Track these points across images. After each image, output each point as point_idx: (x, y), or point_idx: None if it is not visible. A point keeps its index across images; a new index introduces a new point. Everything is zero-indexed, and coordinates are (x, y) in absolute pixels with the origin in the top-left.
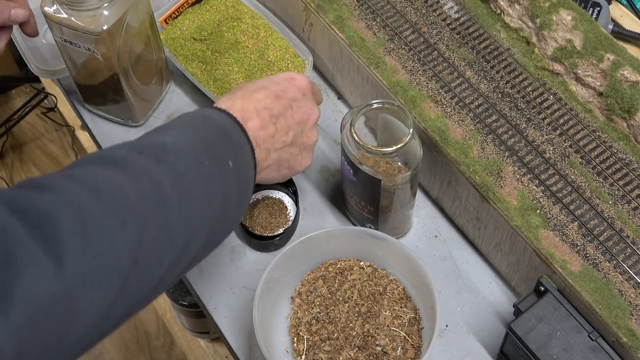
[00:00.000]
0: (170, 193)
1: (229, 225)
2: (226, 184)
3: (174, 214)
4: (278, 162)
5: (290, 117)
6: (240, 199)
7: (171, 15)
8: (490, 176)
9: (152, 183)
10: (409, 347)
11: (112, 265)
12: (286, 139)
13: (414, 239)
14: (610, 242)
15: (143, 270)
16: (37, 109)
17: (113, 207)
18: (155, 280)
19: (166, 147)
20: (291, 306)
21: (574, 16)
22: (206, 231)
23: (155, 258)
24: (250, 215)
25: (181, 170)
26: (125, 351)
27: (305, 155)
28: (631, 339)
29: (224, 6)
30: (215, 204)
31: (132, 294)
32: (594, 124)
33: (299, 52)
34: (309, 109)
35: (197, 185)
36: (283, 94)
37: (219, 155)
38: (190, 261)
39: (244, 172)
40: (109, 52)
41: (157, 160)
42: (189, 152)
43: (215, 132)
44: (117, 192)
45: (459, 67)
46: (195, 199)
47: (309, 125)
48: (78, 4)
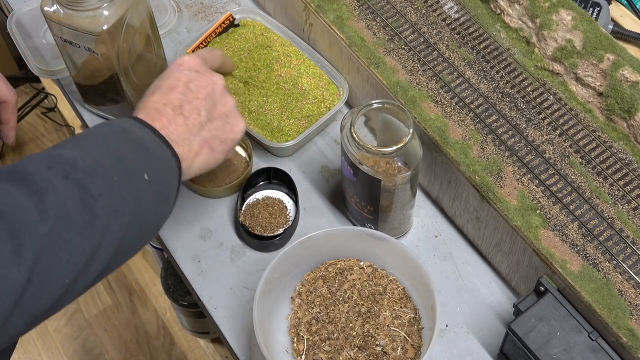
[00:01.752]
0: (73, 213)
1: (145, 233)
2: (139, 196)
3: (76, 232)
4: (207, 142)
5: (194, 98)
6: (158, 208)
7: (199, 46)
8: (490, 176)
9: (56, 202)
10: (409, 347)
11: (3, 287)
12: (201, 119)
13: (414, 239)
14: (610, 242)
15: (39, 288)
16: (37, 109)
17: (10, 227)
18: (56, 295)
19: (75, 163)
20: (291, 306)
21: (574, 16)
22: (114, 244)
23: (53, 276)
24: (250, 215)
25: (87, 186)
26: (125, 351)
27: (232, 121)
28: (631, 339)
29: (252, 34)
30: (124, 216)
31: (29, 310)
32: (594, 124)
33: (333, 79)
34: (209, 80)
35: (104, 201)
36: (176, 82)
37: (131, 169)
38: (99, 273)
39: (163, 181)
40: (109, 52)
41: (64, 177)
42: (98, 168)
43: (130, 146)
44: (17, 212)
45: (459, 67)
46: (101, 215)
47: (217, 94)
48: (78, 4)
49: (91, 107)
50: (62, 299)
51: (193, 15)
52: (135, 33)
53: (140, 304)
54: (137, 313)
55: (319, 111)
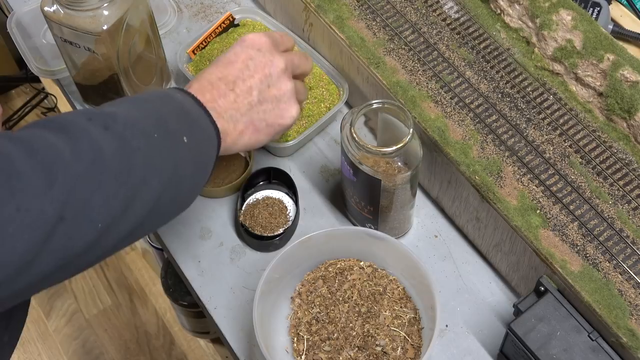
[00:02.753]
0: (110, 158)
1: (182, 197)
2: (177, 158)
3: (111, 178)
4: (252, 124)
5: (249, 77)
6: (196, 172)
7: (199, 46)
8: (490, 176)
9: (92, 146)
10: (409, 347)
11: (35, 218)
12: (251, 99)
13: (414, 239)
14: (610, 242)
15: (71, 227)
16: (37, 109)
17: (42, 164)
18: (88, 240)
19: (116, 117)
20: (291, 306)
21: (573, 16)
22: (150, 201)
23: (86, 217)
24: (250, 215)
25: (127, 138)
26: (125, 351)
27: (283, 106)
28: (631, 339)
29: None
30: (162, 175)
31: (59, 250)
32: (594, 124)
33: (333, 79)
34: (268, 62)
35: (142, 154)
36: (235, 57)
37: (172, 131)
38: (133, 229)
39: (202, 147)
40: (109, 52)
41: (104, 127)
42: (138, 124)
43: (171, 109)
44: (50, 151)
45: (459, 67)
46: (138, 168)
47: (274, 77)
48: (78, 4)
49: (91, 107)
50: (94, 247)
51: (193, 15)
52: (135, 33)
53: (140, 304)
54: (137, 313)
55: (319, 111)
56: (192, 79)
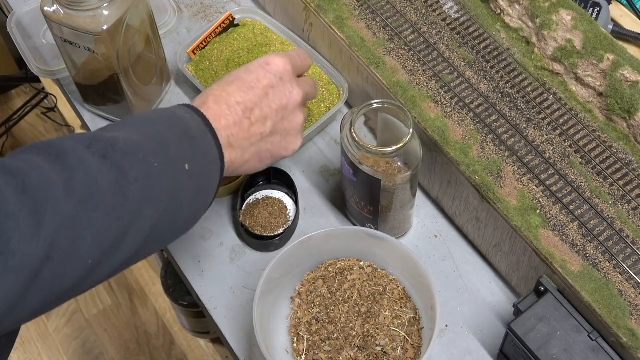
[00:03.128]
0: (104, 192)
1: (179, 226)
2: (177, 187)
3: (104, 213)
4: (258, 154)
5: (267, 107)
6: (195, 201)
7: (199, 46)
8: (490, 176)
9: (87, 180)
10: (409, 347)
11: (21, 260)
12: (264, 130)
13: (414, 239)
14: (610, 242)
15: (58, 266)
16: (37, 109)
17: (32, 202)
18: (78, 276)
19: (115, 144)
20: (291, 306)
21: (573, 16)
22: (145, 231)
23: (75, 255)
24: (250, 215)
25: (124, 169)
26: (125, 351)
27: (290, 140)
28: (631, 339)
29: (252, 34)
30: (158, 205)
31: (46, 289)
32: (594, 124)
33: (333, 79)
34: (288, 93)
35: (139, 186)
36: (257, 83)
37: (173, 157)
38: (127, 259)
39: (204, 174)
40: (109, 52)
41: (102, 156)
42: (138, 151)
43: (176, 133)
44: (42, 186)
45: (459, 67)
46: (134, 199)
47: (289, 109)
48: (78, 4)
49: (91, 107)
50: (85, 281)
51: (193, 15)
52: (135, 33)
53: (140, 304)
54: (137, 313)
55: (319, 111)
56: (206, 91)
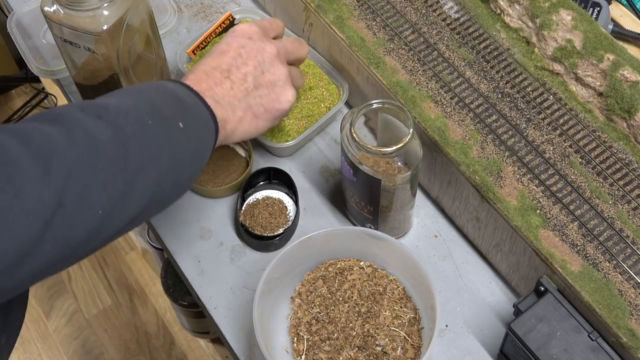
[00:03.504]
0: (105, 145)
1: (181, 182)
2: (174, 143)
3: (108, 164)
4: (250, 109)
5: (243, 65)
6: (194, 158)
7: (199, 46)
8: (490, 176)
9: (86, 134)
10: (409, 347)
11: (34, 204)
12: (247, 85)
13: (414, 239)
14: (610, 242)
15: (70, 213)
16: (37, 109)
17: (37, 152)
18: (89, 227)
19: (108, 107)
20: (291, 306)
21: (573, 16)
22: (150, 186)
23: (85, 203)
24: (250, 215)
25: (120, 125)
26: (125, 351)
27: (279, 90)
28: (631, 339)
29: None
30: (160, 161)
31: (60, 238)
32: (594, 124)
33: (333, 79)
34: (260, 48)
35: (138, 141)
36: (227, 47)
37: (166, 117)
38: (135, 215)
39: (199, 132)
40: (109, 52)
41: (97, 117)
42: (132, 112)
43: (165, 97)
44: (45, 140)
45: (459, 67)
46: (135, 154)
47: (267, 62)
48: (78, 4)
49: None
50: (97, 234)
51: (193, 15)
52: (135, 33)
53: (140, 304)
54: (137, 313)
55: (319, 111)
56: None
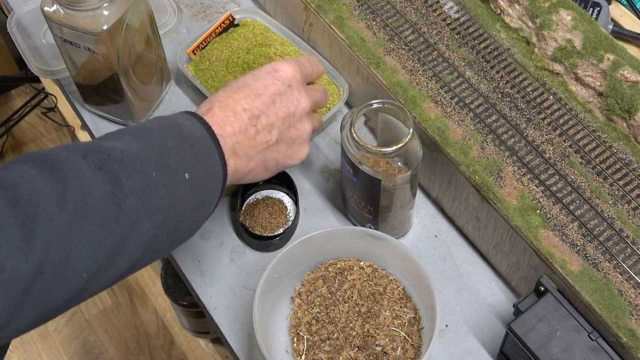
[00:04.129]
0: (99, 204)
1: (179, 236)
2: (177, 195)
3: (98, 226)
4: (264, 162)
5: (274, 114)
6: (197, 210)
7: (199, 46)
8: (490, 176)
9: (81, 191)
10: (409, 347)
11: (9, 276)
12: (269, 138)
13: (414, 239)
14: (610, 242)
15: (51, 281)
16: (37, 109)
17: (23, 216)
18: (72, 289)
19: (112, 154)
20: (291, 306)
21: (573, 16)
22: (143, 243)
23: (68, 269)
24: (250, 215)
25: (120, 179)
26: (125, 351)
27: (297, 148)
28: (631, 339)
29: (252, 34)
30: (157, 214)
31: (41, 302)
32: (594, 124)
33: (333, 79)
34: (296, 101)
35: (136, 196)
36: (265, 90)
37: (173, 167)
38: (124, 271)
39: (206, 183)
40: (109, 52)
41: (98, 167)
42: (136, 161)
43: (177, 142)
44: (34, 198)
45: (459, 67)
46: (131, 211)
47: (297, 117)
48: (78, 4)
49: (91, 107)
50: (80, 294)
51: (193, 15)
52: (135, 33)
53: (140, 304)
54: (137, 313)
55: (319, 111)
56: (212, 98)
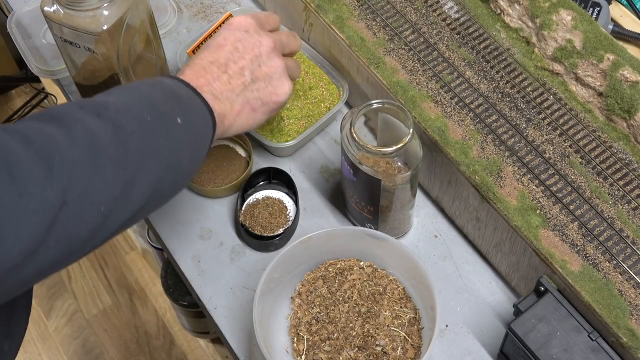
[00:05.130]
0: (105, 143)
1: (181, 177)
2: (173, 139)
3: (109, 162)
4: (248, 103)
5: (240, 58)
6: (193, 153)
7: (199, 46)
8: (490, 176)
9: (86, 133)
10: (408, 347)
11: (38, 204)
12: (244, 79)
13: (414, 239)
14: (610, 242)
15: (74, 211)
16: (37, 109)
17: (39, 152)
18: (93, 222)
19: (107, 104)
20: (291, 306)
21: (573, 16)
22: (150, 182)
23: (88, 201)
24: (250, 215)
25: (120, 123)
26: (125, 351)
27: (276, 83)
28: (631, 339)
29: None
30: (159, 156)
31: (64, 236)
32: (594, 124)
33: (333, 79)
34: (257, 42)
35: (137, 138)
36: (224, 41)
37: (164, 113)
38: (136, 211)
39: (197, 128)
40: (109, 52)
41: (97, 115)
42: (130, 109)
43: (162, 93)
44: (46, 139)
45: (459, 67)
46: (135, 151)
47: (264, 56)
48: (78, 4)
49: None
50: (99, 230)
51: (193, 15)
52: (135, 33)
53: (140, 304)
54: (137, 313)
55: (319, 111)
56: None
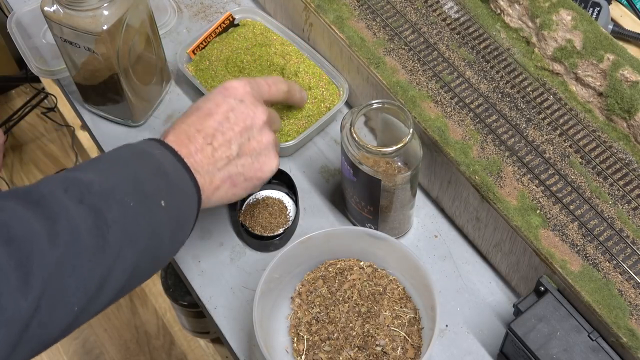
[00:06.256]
0: (85, 237)
1: (159, 260)
2: (155, 223)
3: (87, 259)
4: (230, 178)
5: (229, 130)
6: (175, 234)
7: (199, 46)
8: (490, 176)
9: (69, 225)
10: (409, 347)
11: (10, 315)
12: (230, 153)
13: (414, 239)
14: (610, 242)
15: (46, 316)
16: (37, 109)
17: (18, 254)
18: (65, 322)
19: (91, 187)
20: (291, 306)
21: (573, 16)
22: (126, 271)
23: (62, 303)
24: (250, 215)
25: (102, 211)
26: (125, 351)
27: (263, 160)
28: (631, 339)
29: (252, 34)
30: (139, 243)
31: (37, 337)
32: (594, 124)
33: (333, 79)
34: (251, 113)
35: (118, 227)
36: (216, 108)
37: (149, 195)
38: (110, 300)
39: (181, 208)
40: (109, 52)
41: (79, 201)
42: (114, 193)
43: (150, 170)
44: (27, 235)
45: (459, 67)
46: (114, 242)
47: (255, 129)
48: (78, 4)
49: (91, 107)
50: (72, 325)
51: (193, 15)
52: (135, 33)
53: (140, 304)
54: (137, 313)
55: (319, 111)
56: (169, 127)
